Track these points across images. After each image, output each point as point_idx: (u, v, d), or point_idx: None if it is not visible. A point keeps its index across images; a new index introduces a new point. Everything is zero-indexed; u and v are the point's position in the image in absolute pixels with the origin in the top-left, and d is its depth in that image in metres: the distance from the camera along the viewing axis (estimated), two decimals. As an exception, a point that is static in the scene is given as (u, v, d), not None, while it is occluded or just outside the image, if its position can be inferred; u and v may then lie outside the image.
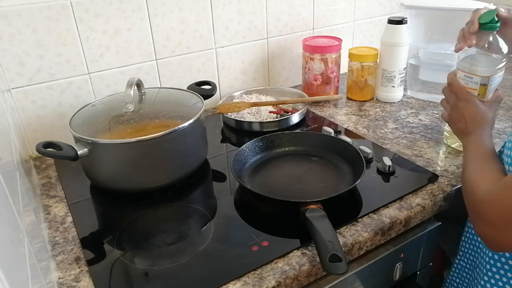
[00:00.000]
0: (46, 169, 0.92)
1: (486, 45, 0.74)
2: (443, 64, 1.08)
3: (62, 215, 0.77)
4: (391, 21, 1.08)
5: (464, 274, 0.79)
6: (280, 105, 1.10)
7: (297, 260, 0.64)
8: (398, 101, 1.17)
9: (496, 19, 0.72)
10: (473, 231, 0.76)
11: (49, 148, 0.73)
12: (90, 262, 0.66)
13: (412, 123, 1.04)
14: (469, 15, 1.04)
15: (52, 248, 0.69)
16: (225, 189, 0.84)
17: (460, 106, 0.74)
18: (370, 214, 0.73)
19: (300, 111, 1.06)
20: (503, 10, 0.74)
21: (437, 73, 1.11)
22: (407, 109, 1.12)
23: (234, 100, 1.14)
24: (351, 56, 1.16)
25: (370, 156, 0.87)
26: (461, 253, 0.79)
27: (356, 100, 1.19)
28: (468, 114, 0.72)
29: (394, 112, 1.11)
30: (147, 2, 0.99)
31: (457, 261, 0.81)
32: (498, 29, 0.72)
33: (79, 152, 0.74)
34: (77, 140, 0.77)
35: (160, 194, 0.80)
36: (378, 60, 1.15)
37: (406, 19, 1.08)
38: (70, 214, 0.77)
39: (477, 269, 0.73)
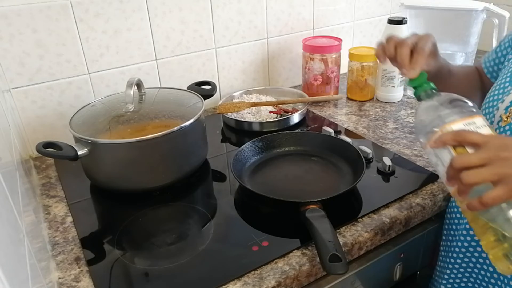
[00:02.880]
0: (46, 169, 0.92)
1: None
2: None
3: (62, 215, 0.77)
4: (391, 21, 1.08)
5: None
6: (280, 105, 1.10)
7: (297, 260, 0.64)
8: (398, 101, 1.17)
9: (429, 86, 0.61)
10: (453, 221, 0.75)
11: (49, 148, 0.73)
12: (90, 262, 0.66)
13: (412, 123, 1.04)
14: (469, 15, 1.04)
15: (52, 248, 0.69)
16: (225, 189, 0.84)
17: (504, 154, 0.48)
18: (370, 214, 0.73)
19: (300, 111, 1.06)
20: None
21: (437, 73, 1.11)
22: (407, 109, 1.12)
23: (234, 100, 1.14)
24: (351, 56, 1.16)
25: (370, 156, 0.87)
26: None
27: (356, 100, 1.19)
28: None
29: (394, 112, 1.11)
30: (147, 2, 0.99)
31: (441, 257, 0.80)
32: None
33: (79, 152, 0.74)
34: (77, 140, 0.77)
35: (160, 194, 0.80)
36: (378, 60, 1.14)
37: (406, 19, 1.08)
38: (70, 214, 0.77)
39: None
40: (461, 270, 0.73)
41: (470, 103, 0.58)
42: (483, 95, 0.82)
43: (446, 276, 0.76)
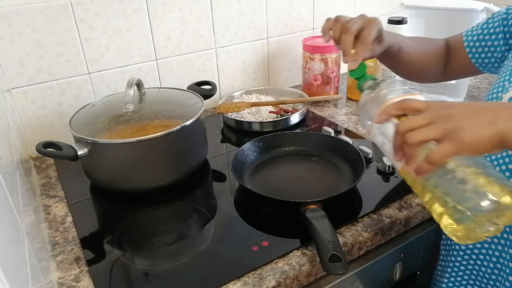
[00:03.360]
0: (46, 169, 0.92)
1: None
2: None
3: (62, 215, 0.77)
4: (391, 21, 1.08)
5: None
6: (280, 105, 1.10)
7: (297, 260, 0.64)
8: (398, 101, 1.16)
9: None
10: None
11: (49, 148, 0.73)
12: (90, 262, 0.66)
13: (412, 123, 1.04)
14: (469, 15, 1.04)
15: (52, 248, 0.69)
16: (225, 189, 0.84)
17: (446, 112, 0.48)
18: (370, 214, 0.73)
19: (300, 111, 1.06)
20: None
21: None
22: (407, 109, 1.12)
23: (234, 100, 1.14)
24: (351, 56, 1.15)
25: (370, 156, 0.87)
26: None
27: (356, 100, 1.19)
28: (466, 110, 0.48)
29: (394, 112, 1.11)
30: (147, 2, 0.99)
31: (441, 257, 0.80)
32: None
33: (79, 152, 0.74)
34: (77, 140, 0.77)
35: (160, 194, 0.80)
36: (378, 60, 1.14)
37: (406, 19, 1.07)
38: (70, 214, 0.77)
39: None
40: (462, 268, 0.73)
41: (412, 86, 0.61)
42: (443, 71, 0.83)
43: (447, 275, 0.76)
